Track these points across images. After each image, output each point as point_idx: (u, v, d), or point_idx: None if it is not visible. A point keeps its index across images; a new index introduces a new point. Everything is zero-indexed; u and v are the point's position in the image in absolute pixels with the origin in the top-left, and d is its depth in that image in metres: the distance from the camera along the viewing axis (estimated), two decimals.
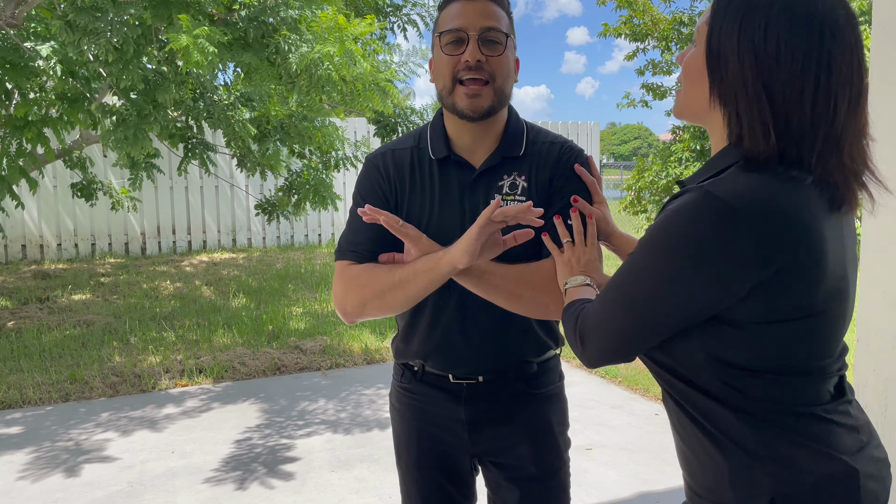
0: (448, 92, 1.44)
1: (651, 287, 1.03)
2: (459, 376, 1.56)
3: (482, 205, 1.46)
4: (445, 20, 1.45)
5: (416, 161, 1.54)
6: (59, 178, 9.65)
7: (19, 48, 4.89)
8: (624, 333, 1.07)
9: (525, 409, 1.58)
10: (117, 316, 6.30)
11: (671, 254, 1.00)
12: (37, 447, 3.65)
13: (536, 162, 1.51)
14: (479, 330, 1.52)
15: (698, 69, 1.07)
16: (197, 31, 4.01)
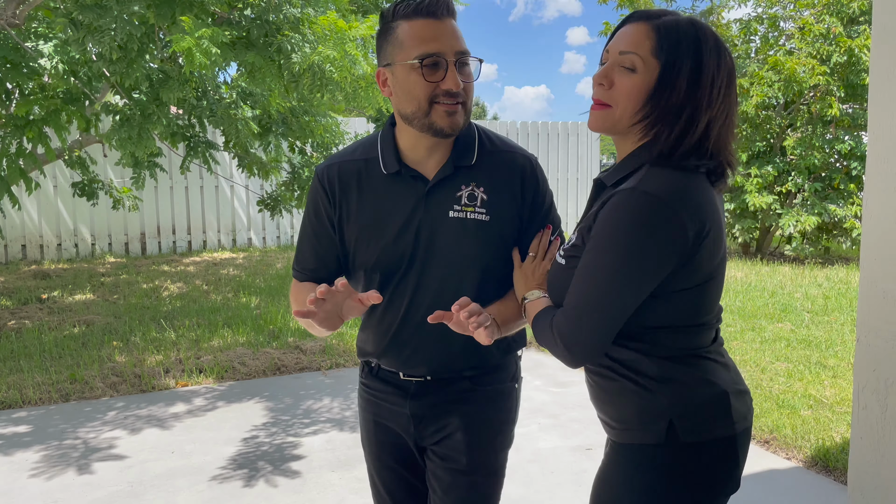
0: (424, 113, 1.42)
1: (613, 284, 1.25)
2: (409, 374, 1.61)
3: (437, 216, 1.49)
4: (415, 40, 1.40)
5: (364, 176, 1.53)
6: (59, 178, 9.65)
7: (20, 48, 4.89)
8: (601, 328, 1.27)
9: (467, 403, 1.61)
10: (117, 316, 6.30)
11: (625, 252, 1.23)
12: (37, 447, 3.65)
13: (496, 172, 1.52)
14: (427, 334, 1.54)
15: (639, 93, 1.28)
16: (200, 33, 4.01)
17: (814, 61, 9.06)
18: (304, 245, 1.64)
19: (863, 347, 2.25)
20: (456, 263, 1.50)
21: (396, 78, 1.44)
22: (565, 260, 1.35)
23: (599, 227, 1.25)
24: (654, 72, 1.28)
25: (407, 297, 1.54)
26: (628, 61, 1.29)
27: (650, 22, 1.31)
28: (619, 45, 1.31)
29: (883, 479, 2.23)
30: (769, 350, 5.22)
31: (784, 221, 9.25)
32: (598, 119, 1.33)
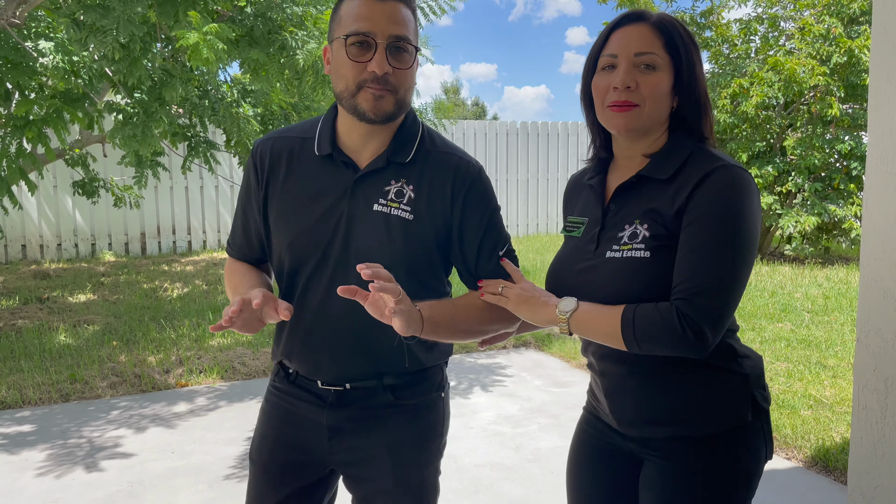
0: (350, 94, 1.37)
1: (746, 258, 1.28)
2: (327, 382, 1.49)
3: (361, 207, 1.41)
4: (350, 18, 1.35)
5: (296, 154, 1.47)
6: (59, 178, 9.65)
7: (21, 48, 4.89)
8: (735, 305, 1.28)
9: (388, 419, 1.49)
10: (117, 316, 6.30)
11: (746, 225, 1.27)
12: (37, 447, 3.65)
13: (430, 173, 1.44)
14: (340, 335, 1.44)
15: (662, 89, 1.35)
16: (207, 28, 4.01)
17: (813, 61, 9.06)
18: (236, 222, 1.59)
19: (863, 347, 2.26)
20: (374, 260, 1.38)
21: (333, 54, 1.41)
22: (650, 252, 1.31)
23: (713, 206, 1.27)
24: (670, 67, 1.36)
25: (321, 293, 1.44)
26: (648, 60, 1.34)
27: (647, 22, 1.36)
28: (632, 48, 1.34)
29: (883, 479, 2.23)
30: (769, 350, 5.22)
31: (784, 222, 9.25)
32: (630, 119, 1.35)
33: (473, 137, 13.03)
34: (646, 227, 1.33)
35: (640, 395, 1.39)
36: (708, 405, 1.35)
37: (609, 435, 1.51)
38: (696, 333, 1.23)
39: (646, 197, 1.37)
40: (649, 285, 1.30)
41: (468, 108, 43.91)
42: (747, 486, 1.38)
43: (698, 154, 1.35)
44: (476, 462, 3.42)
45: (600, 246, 1.40)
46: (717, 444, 1.36)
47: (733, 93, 9.49)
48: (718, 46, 10.38)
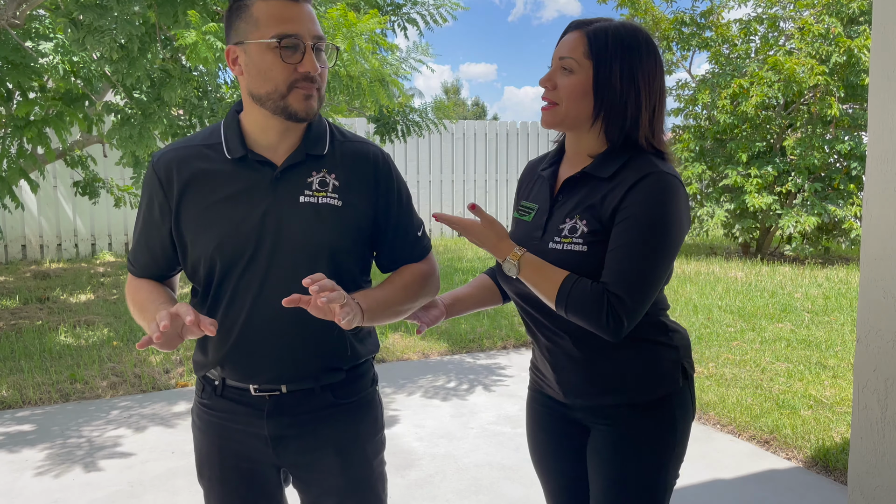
0: (280, 96, 1.38)
1: (666, 258, 1.43)
2: (262, 388, 1.47)
3: (287, 201, 1.42)
4: (272, 20, 1.36)
5: (204, 161, 1.45)
6: (59, 178, 9.66)
7: (21, 48, 4.89)
8: (651, 299, 1.44)
9: (332, 420, 1.50)
10: (117, 316, 6.30)
11: (672, 228, 1.43)
12: (37, 447, 3.65)
13: (348, 162, 1.48)
14: (278, 330, 1.44)
15: (578, 90, 1.48)
16: (206, 28, 4.01)
17: (813, 61, 9.06)
18: (138, 239, 1.54)
19: (863, 347, 2.26)
20: (307, 250, 1.41)
21: (250, 57, 1.39)
22: (587, 246, 1.45)
23: (641, 208, 1.41)
24: (589, 71, 1.47)
25: (253, 292, 1.42)
26: (566, 64, 1.49)
27: (582, 29, 1.50)
28: (559, 52, 1.51)
29: (883, 479, 2.23)
30: (769, 350, 5.22)
31: (784, 222, 9.25)
32: (547, 116, 1.52)
33: (473, 137, 13.02)
34: (584, 222, 1.47)
35: (586, 367, 1.54)
36: (647, 374, 1.53)
37: (556, 408, 1.66)
38: (615, 320, 1.40)
39: (587, 193, 1.50)
40: (587, 276, 1.44)
41: (468, 108, 43.92)
42: (683, 443, 1.58)
43: (637, 158, 1.48)
44: (476, 462, 3.42)
45: (545, 234, 1.53)
46: (656, 409, 1.54)
47: (733, 93, 9.49)
48: (718, 46, 10.38)
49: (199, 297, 1.52)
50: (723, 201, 9.87)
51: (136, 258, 1.56)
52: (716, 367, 4.82)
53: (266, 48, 1.36)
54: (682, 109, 10.84)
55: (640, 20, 10.67)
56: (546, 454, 1.71)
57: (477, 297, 1.75)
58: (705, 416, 4.02)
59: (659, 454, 1.54)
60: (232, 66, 1.43)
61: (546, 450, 1.71)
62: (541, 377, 1.69)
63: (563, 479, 1.70)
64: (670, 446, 1.55)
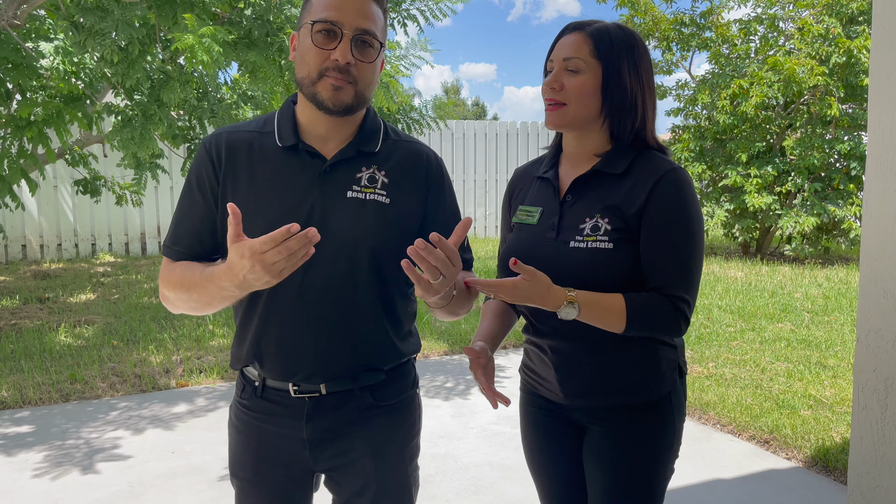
0: (312, 82, 1.36)
1: (701, 251, 1.50)
2: (301, 388, 1.43)
3: (334, 195, 1.39)
4: (320, 6, 1.35)
5: (256, 147, 1.43)
6: (59, 178, 9.66)
7: (21, 48, 4.90)
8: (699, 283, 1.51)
9: (369, 423, 1.47)
10: (117, 316, 6.30)
11: (700, 221, 1.50)
12: (37, 447, 3.65)
13: (399, 160, 1.46)
14: (319, 326, 1.40)
15: (587, 90, 1.49)
16: (202, 31, 4.02)
17: (813, 62, 9.06)
18: (181, 220, 1.46)
19: (863, 347, 2.26)
20: (351, 245, 1.38)
21: (299, 40, 1.39)
22: (613, 244, 1.46)
23: (674, 207, 1.46)
24: (598, 71, 1.49)
25: (295, 284, 1.38)
26: (573, 65, 1.50)
27: (583, 31, 1.52)
28: (562, 53, 1.51)
29: (883, 479, 2.23)
30: (769, 350, 5.22)
31: (784, 222, 9.25)
32: (555, 116, 1.52)
33: (473, 137, 13.02)
34: (606, 220, 1.48)
35: (592, 369, 1.54)
36: (650, 375, 1.54)
37: (551, 409, 1.66)
38: (685, 322, 1.46)
39: (603, 191, 1.51)
40: (611, 273, 1.46)
41: (468, 108, 43.91)
42: (678, 440, 1.60)
43: (644, 155, 1.52)
44: (476, 462, 3.42)
45: (561, 234, 1.52)
46: (655, 408, 1.55)
47: (733, 93, 9.49)
48: (718, 47, 10.38)
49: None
50: (723, 201, 9.87)
51: (177, 240, 1.46)
52: (716, 367, 4.82)
53: (307, 32, 1.36)
54: (682, 109, 10.84)
55: (639, 20, 10.68)
56: (541, 456, 1.72)
57: (503, 324, 1.71)
58: (705, 416, 4.02)
59: (657, 452, 1.56)
60: (292, 52, 1.43)
61: (541, 451, 1.71)
62: (536, 379, 1.67)
63: (558, 481, 1.71)
64: (668, 444, 1.57)
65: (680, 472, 3.32)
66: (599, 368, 1.54)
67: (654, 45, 10.93)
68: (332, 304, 1.39)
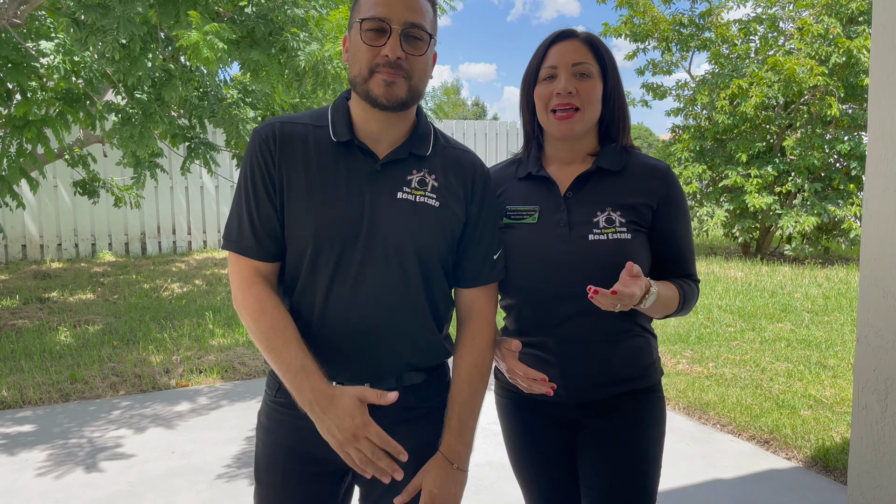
0: (363, 79, 1.37)
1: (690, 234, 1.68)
2: (346, 383, 1.41)
3: (385, 195, 1.40)
4: (368, 3, 1.37)
5: (311, 139, 1.42)
6: (59, 178, 9.66)
7: (21, 47, 4.90)
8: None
9: (411, 423, 1.46)
10: (117, 316, 6.30)
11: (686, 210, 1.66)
12: (37, 447, 3.65)
13: (449, 165, 1.48)
14: (372, 326, 1.40)
15: (597, 94, 1.57)
16: (207, 28, 4.02)
17: (812, 62, 9.06)
18: (245, 214, 1.42)
19: (863, 347, 2.26)
20: (400, 246, 1.39)
21: (350, 40, 1.41)
22: (631, 234, 1.55)
23: (677, 199, 1.60)
24: (600, 76, 1.58)
25: (350, 282, 1.39)
26: (584, 69, 1.56)
27: (578, 38, 1.58)
28: (569, 59, 1.56)
29: (883, 479, 2.23)
30: (769, 350, 5.23)
31: (784, 222, 9.25)
32: (571, 123, 1.57)
33: (473, 137, 13.02)
34: (619, 213, 1.56)
35: (601, 361, 1.60)
36: (645, 362, 1.65)
37: (547, 411, 1.68)
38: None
39: (606, 187, 1.60)
40: (635, 260, 1.53)
41: (468, 108, 43.91)
42: (666, 421, 1.72)
43: (629, 153, 1.64)
44: (476, 462, 3.42)
45: (574, 229, 1.57)
46: (651, 395, 1.65)
47: (732, 93, 9.49)
48: (718, 47, 10.38)
49: (287, 281, 1.45)
50: (723, 201, 9.87)
51: (243, 237, 1.42)
52: (716, 367, 4.82)
53: (357, 30, 1.38)
54: (682, 109, 10.84)
55: (638, 21, 10.67)
56: (531, 460, 1.72)
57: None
58: (705, 416, 4.02)
59: (656, 434, 1.66)
60: (345, 53, 1.44)
61: (531, 455, 1.72)
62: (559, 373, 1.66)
63: (552, 483, 1.72)
64: (662, 430, 1.69)
65: (680, 472, 3.32)
66: (599, 360, 1.60)
67: (654, 45, 10.93)
68: (382, 304, 1.40)
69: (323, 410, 1.34)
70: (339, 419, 1.33)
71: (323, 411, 1.34)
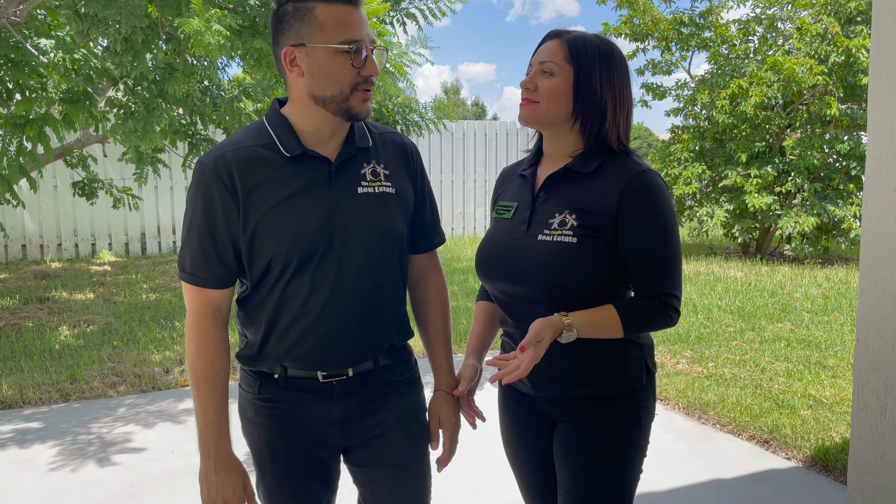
0: (344, 98, 1.45)
1: (679, 250, 1.59)
2: (329, 374, 1.54)
3: (348, 191, 1.51)
4: (339, 25, 1.41)
5: (263, 161, 1.47)
6: (59, 178, 9.65)
7: (21, 46, 4.90)
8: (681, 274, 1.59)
9: (393, 396, 1.61)
10: (117, 316, 6.30)
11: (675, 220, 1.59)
12: (37, 447, 3.65)
13: (389, 151, 1.60)
14: (354, 316, 1.52)
15: (559, 91, 1.58)
16: (209, 14, 4.02)
17: (812, 61, 9.06)
18: (201, 247, 1.48)
19: (863, 347, 2.26)
20: (377, 237, 1.52)
21: (314, 59, 1.43)
22: (577, 238, 1.54)
23: (650, 212, 1.54)
24: (570, 75, 1.59)
25: (330, 282, 1.49)
26: (547, 68, 1.60)
27: (561, 37, 1.61)
28: (540, 58, 1.61)
29: (883, 479, 2.23)
30: (769, 350, 5.23)
31: (783, 222, 9.25)
32: (526, 112, 1.63)
33: (473, 137, 13.02)
34: (574, 216, 1.57)
35: (560, 362, 1.60)
36: (613, 370, 1.61)
37: (524, 401, 1.74)
38: (676, 313, 1.57)
39: (572, 189, 1.61)
40: (572, 266, 1.54)
41: (468, 108, 43.93)
42: (645, 438, 1.66)
43: (615, 158, 1.61)
44: (476, 462, 3.42)
45: (531, 228, 1.62)
46: (620, 404, 1.62)
47: (732, 93, 9.49)
48: (717, 47, 10.38)
49: (261, 294, 1.54)
50: (722, 201, 9.87)
51: (199, 268, 1.50)
52: (716, 367, 4.82)
53: (334, 53, 1.42)
54: (682, 109, 10.84)
55: (638, 21, 10.67)
56: (517, 447, 1.79)
57: (493, 328, 1.85)
58: (705, 416, 4.02)
59: (621, 448, 1.62)
60: (288, 66, 1.46)
61: (517, 442, 1.79)
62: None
63: (533, 472, 1.78)
64: (632, 441, 1.63)
65: (680, 472, 3.32)
66: (565, 360, 1.60)
67: (654, 45, 10.93)
68: (362, 294, 1.52)
69: (215, 470, 1.56)
70: (222, 485, 1.55)
71: (215, 471, 1.56)
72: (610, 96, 1.60)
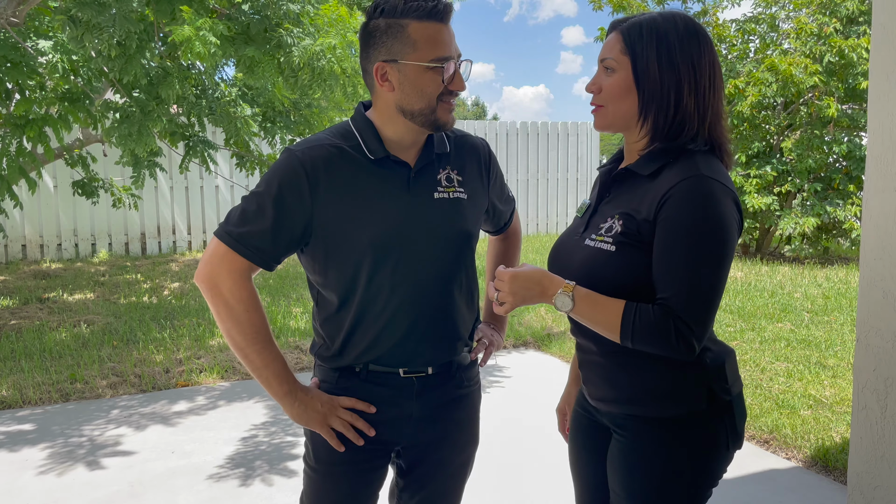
0: (431, 110, 1.50)
1: (723, 268, 1.36)
2: (409, 370, 1.60)
3: (425, 196, 1.57)
4: (430, 43, 1.46)
5: (343, 160, 1.53)
6: (59, 178, 9.65)
7: (20, 47, 4.90)
8: (715, 311, 1.37)
9: (461, 400, 1.69)
10: (117, 316, 6.30)
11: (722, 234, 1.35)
12: (37, 447, 3.65)
13: (463, 156, 1.67)
14: (434, 315, 1.59)
15: (620, 88, 1.45)
16: (199, 23, 4.03)
17: (808, 60, 9.07)
18: (263, 225, 1.50)
19: (863, 347, 2.26)
20: (451, 240, 1.59)
21: (405, 75, 1.48)
22: (615, 246, 1.43)
23: (678, 213, 1.35)
24: (628, 67, 1.45)
25: (410, 282, 1.55)
26: (607, 64, 1.48)
27: (618, 28, 1.49)
28: (601, 55, 1.51)
29: (883, 479, 2.23)
30: (769, 350, 5.23)
31: (783, 223, 9.25)
32: (596, 119, 1.53)
33: None
34: (621, 223, 1.44)
35: (606, 374, 1.52)
36: (660, 390, 1.45)
37: (589, 410, 1.66)
38: (687, 345, 1.34)
39: (628, 192, 1.49)
40: (607, 275, 1.43)
41: (468, 108, 43.93)
42: (702, 472, 1.46)
43: (683, 160, 1.42)
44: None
45: (587, 230, 1.53)
46: (672, 428, 1.45)
47: (729, 94, 9.50)
48: (717, 47, 10.39)
49: (340, 295, 1.56)
50: None
51: (251, 241, 1.51)
52: None
53: (425, 69, 1.48)
54: None
55: None
56: (576, 455, 1.72)
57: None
58: None
59: (668, 474, 1.45)
60: (379, 81, 1.50)
61: (576, 450, 1.72)
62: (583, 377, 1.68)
63: (589, 481, 1.69)
64: (682, 471, 1.44)
65: None
66: (611, 374, 1.50)
67: None
68: (441, 294, 1.59)
69: (300, 399, 1.57)
70: (320, 403, 1.58)
71: (300, 400, 1.57)
72: (674, 81, 1.41)
